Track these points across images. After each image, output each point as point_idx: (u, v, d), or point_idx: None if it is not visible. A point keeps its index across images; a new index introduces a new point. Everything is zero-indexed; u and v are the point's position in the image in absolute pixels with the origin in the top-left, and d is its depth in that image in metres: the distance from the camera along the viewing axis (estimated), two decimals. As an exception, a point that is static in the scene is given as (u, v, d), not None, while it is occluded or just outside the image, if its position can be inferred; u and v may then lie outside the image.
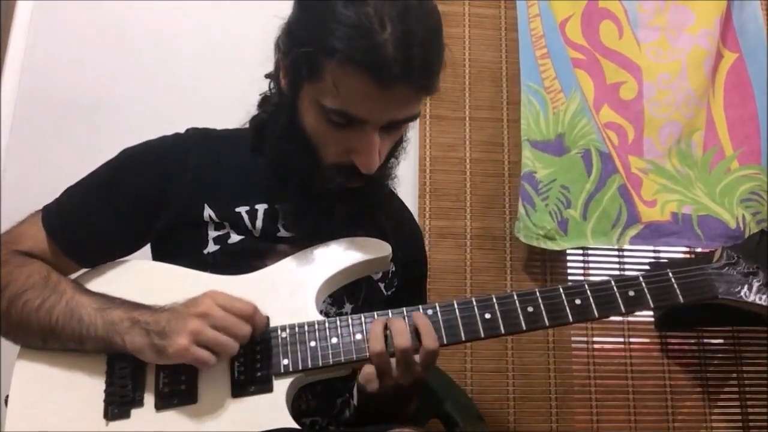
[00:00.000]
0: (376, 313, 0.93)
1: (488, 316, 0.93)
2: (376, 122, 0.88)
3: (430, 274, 1.29)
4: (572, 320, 0.94)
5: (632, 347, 1.89)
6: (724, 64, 1.95)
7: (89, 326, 0.90)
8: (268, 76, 1.03)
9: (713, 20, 1.92)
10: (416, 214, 1.64)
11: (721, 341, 1.94)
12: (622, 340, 1.89)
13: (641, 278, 0.96)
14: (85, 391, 0.91)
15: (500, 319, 0.93)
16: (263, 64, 1.01)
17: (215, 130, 1.11)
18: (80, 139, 1.74)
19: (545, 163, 1.81)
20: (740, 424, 1.87)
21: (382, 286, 1.08)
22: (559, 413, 1.80)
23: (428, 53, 0.85)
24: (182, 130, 1.09)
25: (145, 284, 0.98)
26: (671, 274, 0.96)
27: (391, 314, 0.93)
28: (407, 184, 1.13)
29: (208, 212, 1.01)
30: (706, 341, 1.92)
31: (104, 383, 0.91)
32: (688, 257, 1.94)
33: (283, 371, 0.90)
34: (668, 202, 1.80)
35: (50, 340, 0.93)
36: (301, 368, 0.90)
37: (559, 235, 1.76)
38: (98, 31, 1.83)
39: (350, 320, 0.93)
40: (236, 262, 0.99)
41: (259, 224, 1.01)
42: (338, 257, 0.99)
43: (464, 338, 0.92)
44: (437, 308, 0.93)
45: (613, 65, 1.90)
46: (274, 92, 1.03)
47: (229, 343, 0.86)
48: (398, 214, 1.18)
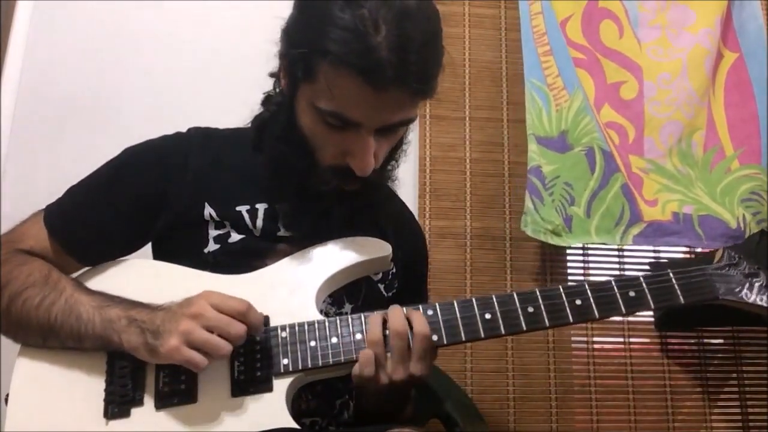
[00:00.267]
0: (375, 313, 0.93)
1: (488, 316, 0.93)
2: (370, 125, 0.88)
3: (430, 274, 1.29)
4: (573, 321, 0.94)
5: (632, 347, 1.89)
6: (724, 63, 1.94)
7: (87, 324, 0.90)
8: (272, 75, 1.03)
9: (714, 19, 1.91)
10: (416, 214, 1.64)
11: (721, 341, 1.94)
12: (622, 340, 1.89)
13: (642, 279, 0.96)
14: (85, 390, 0.91)
15: (500, 319, 0.93)
16: (265, 63, 1.00)
17: (217, 129, 1.11)
18: (80, 139, 1.74)
19: (549, 159, 1.81)
20: (740, 424, 1.87)
21: (381, 287, 1.08)
22: (559, 413, 1.80)
23: (424, 57, 0.84)
24: (183, 129, 1.09)
25: (145, 283, 0.98)
26: (672, 274, 0.96)
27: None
28: (407, 184, 1.12)
29: (208, 211, 1.01)
30: (706, 341, 1.92)
31: (104, 382, 0.91)
32: (688, 257, 1.94)
33: (282, 371, 0.90)
34: (669, 201, 1.80)
35: (50, 338, 0.93)
36: (300, 368, 0.90)
37: (564, 231, 1.76)
38: (98, 31, 1.83)
39: (350, 320, 0.93)
40: (236, 261, 0.99)
41: (259, 223, 1.01)
42: (338, 257, 0.99)
43: (464, 338, 0.92)
44: (437, 308, 0.93)
45: (613, 65, 1.90)
46: (276, 92, 1.03)
47: (220, 344, 0.85)
48: (399, 214, 1.18)
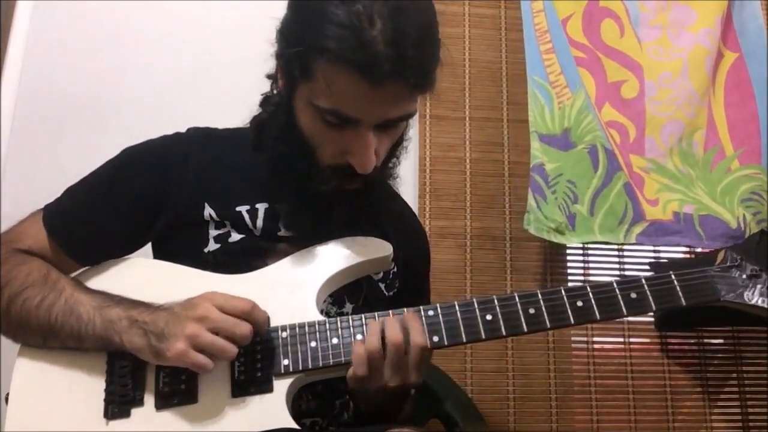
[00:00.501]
0: (376, 313, 0.93)
1: (489, 317, 0.92)
2: (369, 121, 0.87)
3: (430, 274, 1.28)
4: (574, 322, 0.93)
5: (632, 347, 1.89)
6: (724, 63, 1.94)
7: (88, 324, 0.90)
8: (269, 76, 1.03)
9: (714, 19, 1.91)
10: (416, 214, 1.63)
11: (721, 341, 1.94)
12: (622, 340, 1.89)
13: (643, 280, 0.95)
14: (85, 390, 0.91)
15: (501, 320, 0.92)
16: (265, 63, 1.00)
17: (216, 129, 1.10)
18: (80, 139, 1.74)
19: (551, 156, 1.80)
20: (740, 424, 1.87)
21: (382, 286, 1.08)
22: (559, 413, 1.80)
23: (421, 50, 0.84)
24: (183, 129, 1.09)
25: (145, 282, 0.98)
26: (674, 276, 0.95)
27: (392, 314, 0.93)
28: (407, 184, 1.12)
29: (208, 211, 1.01)
30: (706, 341, 1.92)
31: (104, 382, 0.91)
32: (688, 257, 1.94)
33: (283, 371, 0.90)
34: (670, 201, 1.80)
35: (50, 338, 0.93)
36: (301, 368, 0.90)
37: (567, 229, 1.75)
38: (98, 31, 1.83)
39: (351, 320, 0.93)
40: (237, 261, 0.99)
41: (259, 223, 1.01)
42: (339, 257, 0.99)
43: (465, 339, 0.92)
44: (438, 309, 0.93)
45: (614, 64, 1.90)
46: (274, 93, 1.03)
47: (226, 347, 0.86)
48: (400, 213, 1.18)
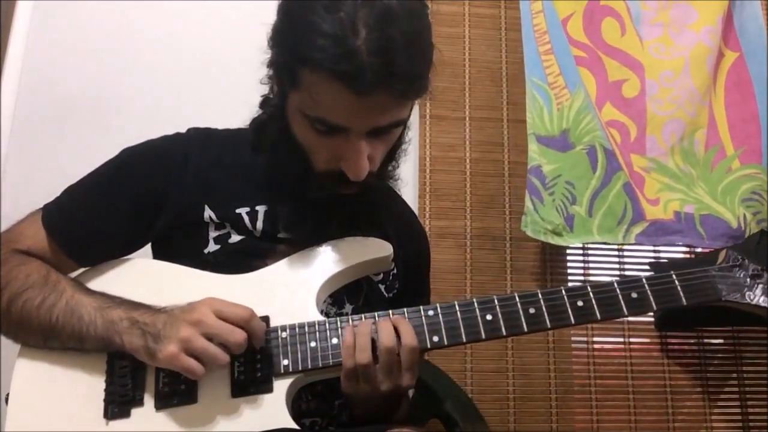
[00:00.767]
0: (376, 314, 0.93)
1: (490, 317, 0.92)
2: (358, 129, 0.86)
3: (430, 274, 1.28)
4: (574, 322, 0.93)
5: (632, 347, 1.89)
6: (725, 63, 1.94)
7: (89, 325, 0.90)
8: (263, 83, 1.01)
9: (716, 18, 1.91)
10: (416, 214, 1.64)
11: (721, 341, 1.94)
12: (622, 340, 1.89)
13: (644, 280, 0.95)
14: (85, 390, 0.91)
15: (501, 320, 0.92)
16: (264, 64, 1.00)
17: (216, 130, 1.10)
18: (80, 139, 1.74)
19: (550, 158, 1.80)
20: (740, 424, 1.87)
21: (382, 287, 1.08)
22: (559, 413, 1.80)
23: (409, 57, 0.82)
24: (183, 129, 1.09)
25: (145, 283, 0.98)
26: (675, 276, 0.95)
27: (392, 314, 0.93)
28: (407, 184, 1.12)
29: (208, 213, 1.00)
30: (706, 341, 1.92)
31: (104, 382, 0.91)
32: (688, 257, 1.94)
33: (283, 371, 0.90)
34: (671, 200, 1.80)
35: (50, 338, 0.93)
36: (301, 369, 0.90)
37: (565, 231, 1.75)
38: (98, 31, 1.83)
39: (351, 321, 0.93)
40: (237, 261, 0.99)
41: (259, 225, 1.01)
42: (339, 257, 0.99)
43: (465, 339, 0.92)
44: (438, 309, 0.93)
45: (615, 63, 1.90)
46: (271, 96, 1.02)
47: (217, 354, 0.85)
48: (400, 214, 1.18)
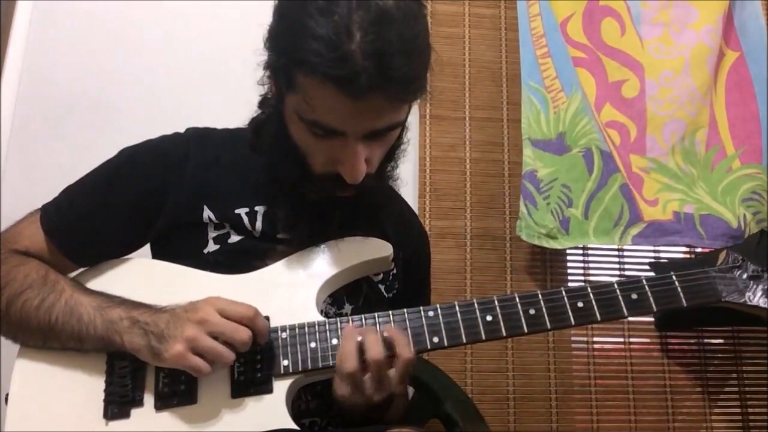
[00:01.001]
0: (376, 314, 0.93)
1: (490, 318, 0.92)
2: (355, 133, 0.86)
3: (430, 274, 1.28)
4: (574, 323, 0.93)
5: (632, 347, 1.89)
6: (725, 62, 1.94)
7: (89, 325, 0.90)
8: (262, 83, 1.01)
9: (716, 17, 1.91)
10: (416, 214, 1.64)
11: (721, 341, 1.94)
12: (622, 340, 1.89)
13: (644, 281, 0.95)
14: (85, 390, 0.91)
15: (502, 321, 0.92)
16: (261, 65, 1.00)
17: (215, 129, 1.10)
18: (80, 139, 1.74)
19: (546, 162, 1.81)
20: (740, 424, 1.87)
21: (382, 288, 1.08)
22: (559, 413, 1.80)
23: (405, 61, 0.81)
24: (182, 130, 1.08)
25: (145, 283, 0.98)
26: (675, 277, 0.95)
27: (392, 316, 0.93)
28: (407, 184, 1.11)
29: (207, 213, 1.00)
30: (706, 341, 1.92)
31: (104, 383, 0.91)
32: (688, 258, 1.94)
33: (282, 372, 0.90)
34: (670, 201, 1.79)
35: (50, 339, 0.93)
36: (300, 369, 0.90)
37: (560, 234, 1.76)
38: (98, 31, 1.83)
39: (350, 321, 0.93)
40: (236, 261, 0.99)
41: (258, 226, 1.01)
42: (339, 257, 0.99)
43: (465, 340, 0.92)
44: (438, 310, 0.93)
45: (614, 63, 1.90)
46: (269, 96, 1.02)
47: (224, 352, 0.86)
48: (400, 214, 1.17)
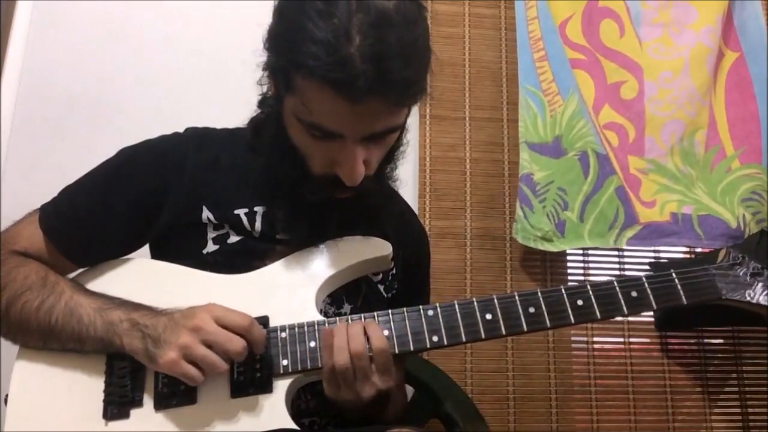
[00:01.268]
0: (376, 313, 0.93)
1: (489, 316, 0.92)
2: (353, 136, 0.86)
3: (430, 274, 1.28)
4: (574, 321, 0.93)
5: (632, 347, 1.88)
6: (725, 63, 1.94)
7: (89, 326, 0.90)
8: (261, 83, 1.01)
9: (715, 17, 1.91)
10: (416, 214, 1.64)
11: (721, 341, 1.93)
12: (622, 340, 1.89)
13: (644, 279, 0.95)
14: (84, 391, 0.91)
15: (501, 319, 0.92)
16: (261, 66, 1.00)
17: (214, 129, 1.10)
18: (80, 139, 1.74)
19: (542, 165, 1.81)
20: (740, 424, 1.87)
21: (381, 288, 1.08)
22: (559, 413, 1.80)
23: (404, 65, 0.80)
24: (182, 129, 1.09)
25: (145, 283, 0.98)
26: (675, 274, 0.95)
27: (391, 315, 0.93)
28: (407, 184, 1.11)
29: (206, 214, 1.00)
30: (706, 341, 1.92)
31: (103, 383, 0.92)
32: (688, 257, 1.94)
33: (282, 372, 0.90)
34: (668, 202, 1.79)
35: (50, 340, 0.93)
36: (300, 369, 0.90)
37: (556, 236, 1.76)
38: (98, 31, 1.83)
39: (350, 321, 0.92)
40: (236, 261, 0.99)
41: (258, 226, 1.01)
42: (338, 257, 0.99)
43: (465, 339, 0.92)
44: (438, 309, 0.93)
45: (613, 65, 1.89)
46: (269, 95, 1.02)
47: (217, 362, 0.85)
48: (400, 214, 1.17)
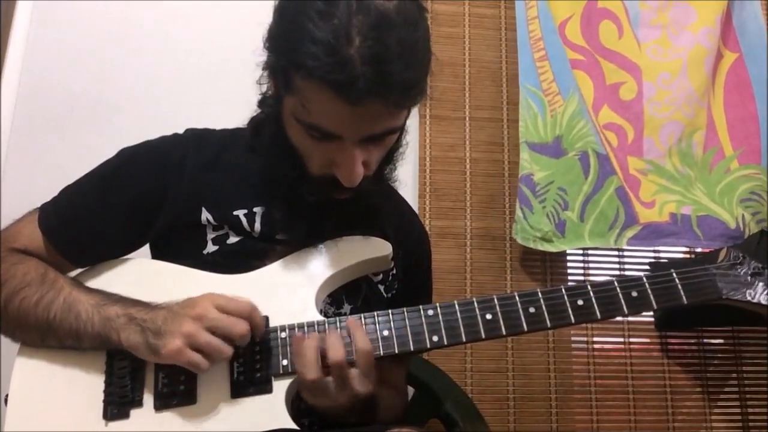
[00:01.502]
0: (375, 313, 0.93)
1: (489, 316, 0.92)
2: (352, 137, 0.86)
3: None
4: (574, 321, 0.93)
5: (632, 347, 1.89)
6: (724, 63, 1.94)
7: (86, 322, 0.90)
8: (261, 83, 1.00)
9: (714, 18, 1.91)
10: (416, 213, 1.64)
11: (721, 341, 1.94)
12: (622, 340, 1.89)
13: (644, 278, 0.95)
14: (84, 390, 0.91)
15: (501, 319, 0.92)
16: (261, 65, 1.00)
17: (214, 130, 1.10)
18: (80, 139, 1.74)
19: (543, 165, 1.81)
20: (740, 424, 1.87)
21: (381, 288, 1.08)
22: (559, 413, 1.80)
23: (404, 67, 0.80)
24: (182, 130, 1.08)
25: (144, 283, 0.98)
26: (675, 274, 0.95)
27: (391, 315, 0.93)
28: (407, 184, 1.11)
29: (205, 215, 1.00)
30: (706, 341, 1.92)
31: (103, 383, 0.92)
32: (688, 257, 1.94)
33: (282, 372, 0.90)
34: (667, 202, 1.80)
35: (48, 336, 0.93)
36: (300, 369, 0.90)
37: (556, 236, 1.76)
38: (98, 31, 1.83)
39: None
40: (235, 262, 0.99)
41: (257, 227, 1.00)
42: (338, 256, 0.99)
43: (465, 339, 0.92)
44: (438, 309, 0.93)
45: (612, 66, 1.90)
46: (268, 95, 1.01)
47: (222, 347, 0.85)
48: (401, 213, 1.17)
